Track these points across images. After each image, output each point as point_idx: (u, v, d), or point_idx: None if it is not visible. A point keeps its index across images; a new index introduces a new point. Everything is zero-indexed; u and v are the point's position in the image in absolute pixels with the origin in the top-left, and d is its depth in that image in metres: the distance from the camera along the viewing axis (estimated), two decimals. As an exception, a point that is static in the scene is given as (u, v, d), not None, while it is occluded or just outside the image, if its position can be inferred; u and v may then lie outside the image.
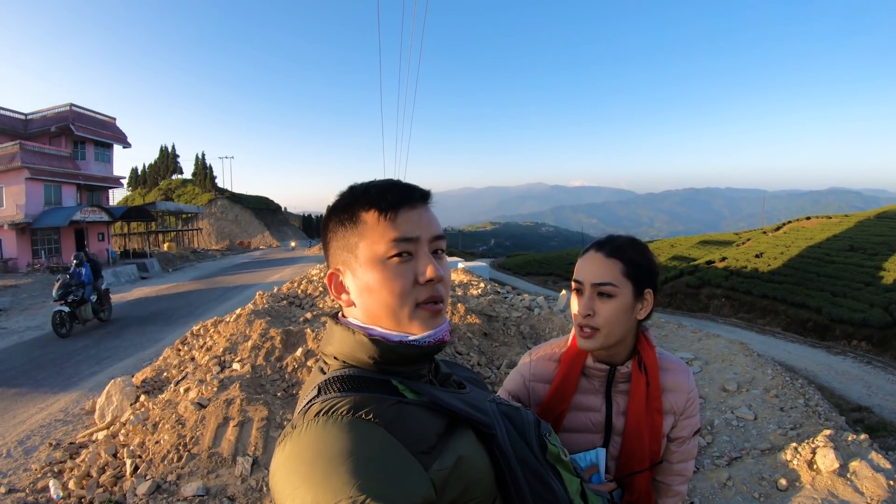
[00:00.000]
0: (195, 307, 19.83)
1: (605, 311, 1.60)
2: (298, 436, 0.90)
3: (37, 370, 11.54)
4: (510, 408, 1.22)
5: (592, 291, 1.62)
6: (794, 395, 7.55)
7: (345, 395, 0.96)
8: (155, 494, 5.17)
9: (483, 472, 1.03)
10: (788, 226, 53.11)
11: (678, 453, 1.77)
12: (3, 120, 36.68)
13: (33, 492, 6.05)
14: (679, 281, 40.91)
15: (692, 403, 1.75)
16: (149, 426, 6.52)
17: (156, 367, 9.37)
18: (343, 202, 1.11)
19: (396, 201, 1.07)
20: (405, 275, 1.05)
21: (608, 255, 1.63)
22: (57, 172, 35.40)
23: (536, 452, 1.15)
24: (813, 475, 5.27)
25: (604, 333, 1.62)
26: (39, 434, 7.86)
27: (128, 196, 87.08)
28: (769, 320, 30.67)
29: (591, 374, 1.75)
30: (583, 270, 1.66)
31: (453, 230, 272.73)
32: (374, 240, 1.05)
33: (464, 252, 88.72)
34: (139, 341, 14.21)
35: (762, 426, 6.86)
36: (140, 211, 44.90)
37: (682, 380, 1.74)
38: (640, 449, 1.65)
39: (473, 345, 9.09)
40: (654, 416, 1.67)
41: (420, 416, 0.99)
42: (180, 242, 59.69)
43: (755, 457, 6.02)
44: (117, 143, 42.43)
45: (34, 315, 19.00)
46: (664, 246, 64.24)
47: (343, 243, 1.09)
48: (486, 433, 1.08)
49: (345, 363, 1.08)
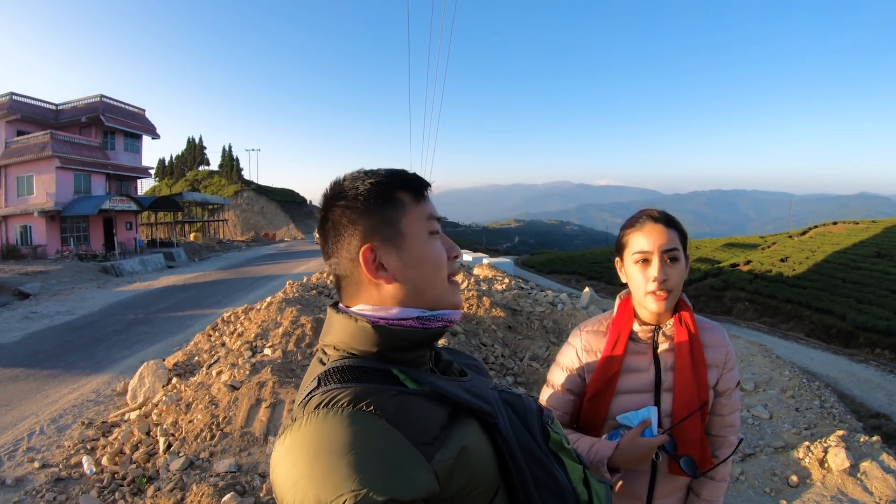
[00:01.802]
0: (223, 296, 20.10)
1: (675, 273, 1.81)
2: (299, 429, 0.90)
3: (68, 353, 11.90)
4: (512, 395, 1.21)
5: (663, 258, 1.80)
6: (809, 397, 7.64)
7: (345, 386, 0.96)
8: (188, 470, 5.39)
9: (486, 461, 1.03)
10: (815, 230, 52.23)
11: (728, 405, 1.93)
12: (35, 110, 37.03)
13: (66, 467, 6.33)
14: (703, 283, 40.34)
15: (730, 357, 1.93)
16: (182, 406, 6.76)
17: (187, 352, 9.64)
18: (376, 183, 1.10)
19: (423, 186, 1.15)
20: (440, 249, 1.13)
21: (667, 226, 1.84)
22: (87, 162, 35.81)
23: (539, 440, 1.14)
24: (824, 473, 5.38)
25: (674, 295, 1.83)
26: (72, 413, 8.16)
27: (155, 186, 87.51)
28: (792, 325, 30.20)
29: (638, 338, 1.94)
30: (648, 241, 1.82)
31: (478, 226, 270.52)
32: (417, 216, 1.11)
33: (488, 249, 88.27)
34: (168, 327, 14.53)
35: (777, 425, 6.97)
36: (167, 201, 45.17)
37: (718, 336, 1.94)
38: (690, 399, 1.80)
39: (498, 337, 9.25)
40: (699, 367, 1.83)
41: (422, 406, 0.99)
42: (206, 233, 59.95)
43: (769, 454, 6.13)
44: (146, 133, 42.74)
45: (63, 300, 19.42)
46: (689, 247, 63.67)
47: (381, 218, 1.08)
48: (488, 422, 1.08)
49: (345, 353, 1.07)
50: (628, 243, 1.89)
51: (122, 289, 22.76)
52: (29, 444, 7.12)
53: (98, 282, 24.61)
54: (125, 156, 40.36)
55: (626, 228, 1.93)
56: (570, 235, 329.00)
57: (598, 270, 55.36)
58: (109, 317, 16.37)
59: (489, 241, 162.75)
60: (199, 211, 57.95)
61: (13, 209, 33.66)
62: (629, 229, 1.90)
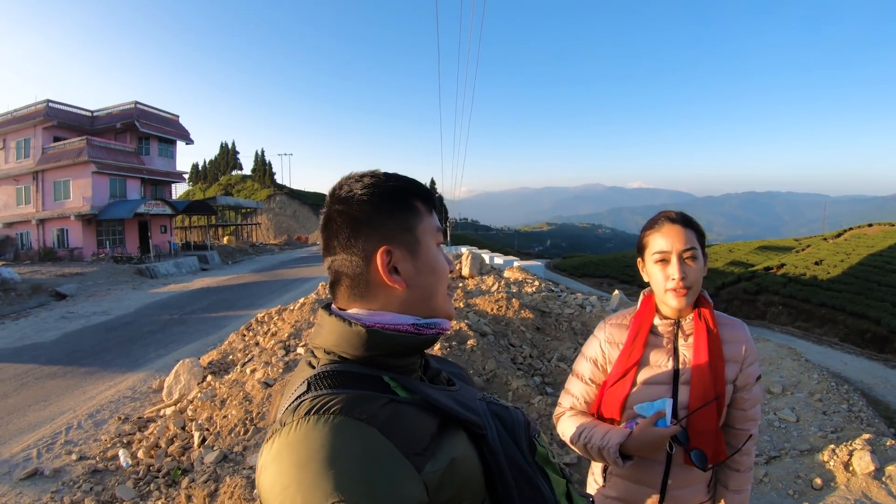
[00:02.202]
0: (256, 297, 20.34)
1: (693, 272, 1.89)
2: (287, 434, 0.87)
3: (105, 352, 12.21)
4: (500, 407, 1.21)
5: (681, 257, 1.89)
6: (837, 400, 7.58)
7: (336, 392, 0.94)
8: (222, 463, 5.53)
9: (474, 472, 1.02)
10: (849, 232, 51.10)
11: (749, 399, 1.99)
12: (70, 117, 38.00)
13: (103, 460, 6.55)
14: (736, 287, 39.64)
15: (750, 352, 1.98)
16: (216, 402, 6.92)
17: (221, 351, 9.85)
18: (394, 187, 1.11)
19: (433, 198, 1.16)
20: (444, 261, 1.15)
21: (684, 226, 1.92)
22: (122, 167, 36.63)
23: (525, 453, 1.14)
24: (848, 476, 5.34)
25: (694, 291, 1.91)
26: (108, 409, 8.40)
27: (189, 190, 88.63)
28: (826, 330, 29.60)
29: (658, 332, 2.02)
30: (667, 241, 1.91)
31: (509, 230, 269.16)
32: (429, 226, 1.12)
33: (519, 252, 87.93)
34: (203, 328, 14.79)
35: (803, 428, 6.93)
36: (201, 205, 45.87)
37: (738, 332, 2.00)
38: (706, 391, 1.86)
39: (526, 338, 9.29)
40: (716, 361, 1.89)
41: (413, 415, 0.97)
42: (239, 236, 60.55)
43: (794, 457, 6.09)
44: (180, 139, 43.54)
45: (99, 301, 19.86)
46: (722, 251, 62.59)
47: (401, 223, 1.09)
48: (476, 433, 1.07)
49: (335, 357, 1.05)
50: (648, 244, 1.99)
51: (157, 290, 23.19)
52: (67, 437, 7.35)
53: (133, 283, 25.12)
54: (159, 161, 41.14)
55: (646, 230, 2.02)
56: (603, 239, 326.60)
57: (631, 274, 54.70)
58: (145, 317, 16.74)
59: (521, 244, 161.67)
60: (233, 215, 58.52)
61: (50, 213, 34.56)
62: (649, 230, 1.99)
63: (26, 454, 6.89)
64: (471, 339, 7.71)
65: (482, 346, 7.59)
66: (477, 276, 17.69)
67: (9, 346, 13.21)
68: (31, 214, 35.23)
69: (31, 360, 11.64)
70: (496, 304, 10.69)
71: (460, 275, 18.26)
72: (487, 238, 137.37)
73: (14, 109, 37.81)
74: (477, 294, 12.81)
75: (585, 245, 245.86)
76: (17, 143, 36.81)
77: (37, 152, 35.71)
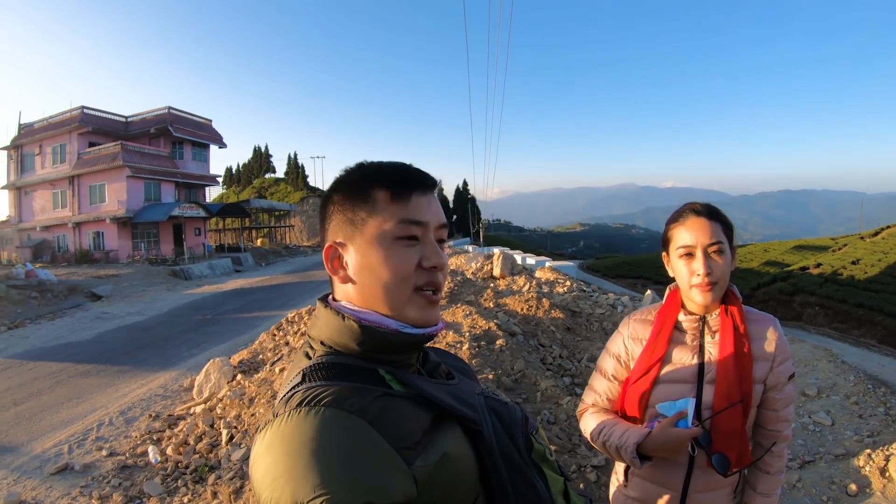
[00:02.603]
0: (288, 298, 20.43)
1: (720, 266, 1.81)
2: (279, 425, 0.88)
3: (138, 351, 12.39)
4: (498, 403, 1.19)
5: (706, 251, 1.80)
6: (874, 404, 7.36)
7: (329, 384, 0.95)
8: (248, 461, 5.47)
9: (468, 468, 1.02)
10: (887, 231, 49.92)
11: (781, 400, 1.88)
12: (105, 122, 39.01)
13: (133, 456, 6.64)
14: (772, 287, 39.17)
15: (782, 349, 1.87)
16: (245, 401, 6.95)
17: (252, 350, 9.90)
18: (353, 177, 1.11)
19: (411, 185, 1.08)
20: (409, 257, 1.05)
21: (710, 219, 1.83)
22: (156, 171, 37.33)
23: (522, 450, 1.13)
24: (884, 483, 5.18)
25: (720, 286, 1.83)
26: (140, 406, 8.51)
27: (223, 193, 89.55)
28: (864, 331, 28.85)
29: (683, 328, 1.94)
30: (691, 235, 1.83)
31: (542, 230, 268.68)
32: (385, 218, 1.05)
33: (552, 253, 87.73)
34: (235, 328, 14.93)
35: (839, 432, 6.74)
36: (235, 208, 46.43)
37: (769, 328, 1.90)
38: (731, 391, 1.77)
39: (556, 338, 9.20)
40: (743, 359, 1.80)
41: (405, 409, 0.97)
42: (273, 238, 61.03)
43: (828, 461, 5.93)
44: (213, 143, 44.30)
45: (134, 302, 20.20)
46: (757, 250, 61.87)
47: (349, 217, 1.07)
48: (472, 429, 1.06)
49: (330, 349, 1.06)
50: (673, 237, 1.91)
51: (191, 291, 23.49)
52: (98, 433, 7.45)
53: (167, 285, 25.49)
54: (193, 164, 41.85)
55: (670, 223, 1.94)
56: (636, 239, 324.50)
57: (665, 274, 53.90)
58: (178, 317, 16.96)
59: (554, 245, 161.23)
60: (266, 217, 59.03)
61: (86, 216, 35.44)
62: (673, 224, 1.92)
63: (58, 449, 6.99)
64: (500, 338, 7.65)
65: (511, 346, 7.51)
66: (508, 277, 17.64)
67: (45, 346, 13.46)
68: (68, 218, 36.11)
69: (65, 359, 11.83)
70: (526, 304, 10.61)
71: (491, 275, 18.21)
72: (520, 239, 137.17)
73: (50, 116, 38.98)
74: (507, 294, 12.74)
75: (619, 245, 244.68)
76: (53, 148, 37.84)
77: (72, 157, 36.64)
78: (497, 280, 17.43)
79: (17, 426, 7.94)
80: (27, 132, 39.39)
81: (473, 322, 8.21)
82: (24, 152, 39.42)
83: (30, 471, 6.46)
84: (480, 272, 18.95)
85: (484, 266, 19.51)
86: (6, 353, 12.71)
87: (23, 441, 7.38)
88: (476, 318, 8.38)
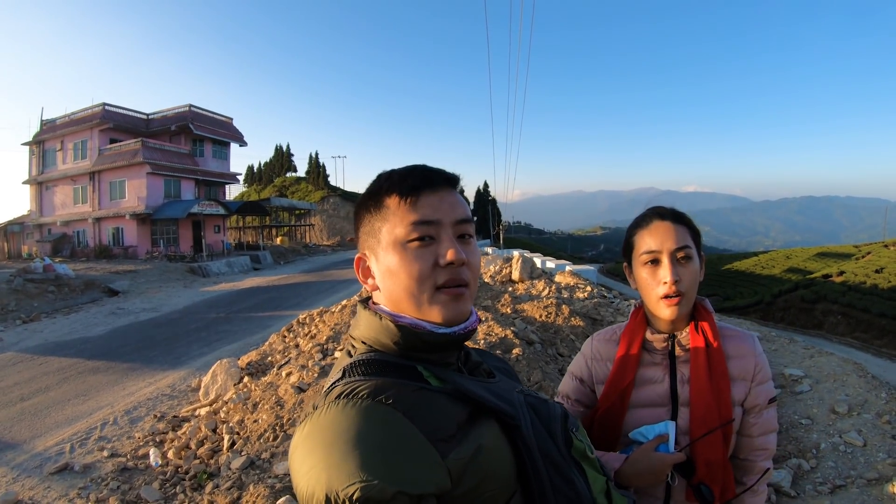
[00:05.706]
0: (304, 298, 20.35)
1: (688, 274, 1.63)
2: (318, 417, 0.90)
3: (149, 348, 12.33)
4: (538, 400, 1.19)
5: (672, 258, 1.63)
6: (909, 423, 7.04)
7: (367, 378, 0.96)
8: (248, 470, 5.35)
9: (504, 463, 1.01)
10: (912, 238, 49.60)
11: (757, 425, 1.70)
12: (126, 119, 39.46)
13: (134, 458, 6.50)
14: (793, 295, 38.68)
15: (761, 368, 1.70)
16: (249, 405, 6.79)
17: (261, 352, 9.77)
18: (371, 189, 1.13)
19: (416, 185, 1.08)
20: (424, 258, 1.05)
21: (675, 222, 1.67)
22: (176, 168, 37.71)
23: (560, 447, 1.12)
24: (921, 512, 4.91)
25: (688, 297, 1.65)
26: (146, 406, 8.41)
27: (243, 192, 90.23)
28: (887, 341, 28.17)
29: (651, 347, 1.76)
30: (655, 240, 1.66)
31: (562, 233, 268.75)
32: (395, 223, 1.06)
33: (572, 256, 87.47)
34: (248, 327, 14.83)
35: (871, 454, 6.41)
36: (255, 206, 46.66)
37: (745, 345, 1.72)
38: (708, 415, 1.61)
39: (576, 347, 8.91)
40: (718, 380, 1.64)
41: (441, 403, 0.98)
42: (293, 237, 61.26)
43: (860, 486, 5.64)
44: (234, 141, 44.68)
45: (150, 298, 20.25)
46: (779, 257, 61.33)
47: (369, 228, 1.11)
48: (510, 424, 1.06)
49: (371, 347, 1.08)
50: (636, 244, 1.74)
51: (208, 289, 23.55)
52: (101, 433, 7.34)
53: (185, 282, 25.60)
54: (213, 162, 42.13)
55: (632, 228, 1.78)
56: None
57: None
58: (192, 315, 16.92)
59: (574, 248, 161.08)
60: (286, 216, 59.32)
61: (106, 212, 35.76)
62: (636, 229, 1.75)
63: (59, 448, 6.89)
64: (516, 347, 7.35)
65: (528, 356, 7.23)
66: (527, 281, 17.41)
67: (57, 340, 13.49)
68: (88, 213, 36.51)
69: (76, 355, 11.81)
70: (545, 311, 10.34)
71: (510, 279, 17.99)
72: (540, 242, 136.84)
73: (71, 112, 39.50)
74: (526, 299, 12.46)
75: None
76: (74, 144, 38.31)
77: (93, 153, 37.03)
78: (516, 284, 17.22)
79: (21, 422, 7.86)
80: (49, 128, 39.83)
81: (489, 329, 7.95)
82: (46, 148, 39.87)
83: (30, 469, 6.37)
84: (499, 275, 18.73)
85: (502, 269, 19.30)
86: (18, 347, 12.74)
87: (25, 438, 7.30)
88: (492, 324, 8.12)
